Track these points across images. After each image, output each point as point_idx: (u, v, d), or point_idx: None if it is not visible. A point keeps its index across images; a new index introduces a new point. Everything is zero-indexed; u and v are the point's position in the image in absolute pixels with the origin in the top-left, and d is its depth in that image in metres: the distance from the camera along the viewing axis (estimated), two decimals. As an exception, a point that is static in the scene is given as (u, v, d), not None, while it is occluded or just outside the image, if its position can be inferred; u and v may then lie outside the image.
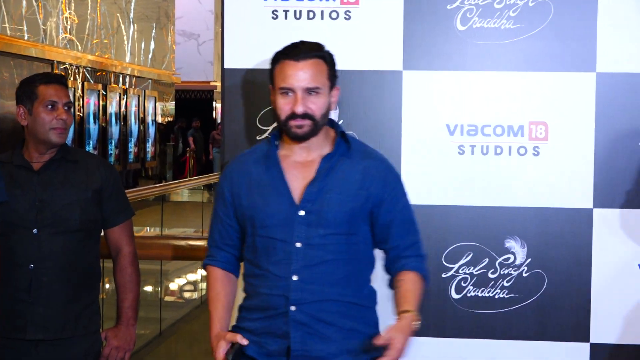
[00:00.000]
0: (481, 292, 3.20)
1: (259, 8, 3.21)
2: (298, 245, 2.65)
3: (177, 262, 8.51)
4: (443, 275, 3.19)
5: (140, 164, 17.38)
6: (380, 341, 2.48)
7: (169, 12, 19.60)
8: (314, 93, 2.64)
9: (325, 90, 2.67)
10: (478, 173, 3.18)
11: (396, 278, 2.72)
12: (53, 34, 13.31)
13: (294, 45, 2.68)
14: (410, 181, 3.17)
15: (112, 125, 15.67)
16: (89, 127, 14.49)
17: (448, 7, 3.16)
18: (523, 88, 3.17)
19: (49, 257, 3.17)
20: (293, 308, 2.64)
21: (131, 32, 17.10)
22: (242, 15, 3.22)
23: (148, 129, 17.89)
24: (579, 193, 3.15)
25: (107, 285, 5.61)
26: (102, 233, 3.40)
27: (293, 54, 2.65)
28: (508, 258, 3.19)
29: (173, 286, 9.27)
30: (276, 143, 2.75)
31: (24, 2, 12.38)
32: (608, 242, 3.14)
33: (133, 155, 16.88)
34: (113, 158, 15.52)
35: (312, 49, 2.68)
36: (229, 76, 3.23)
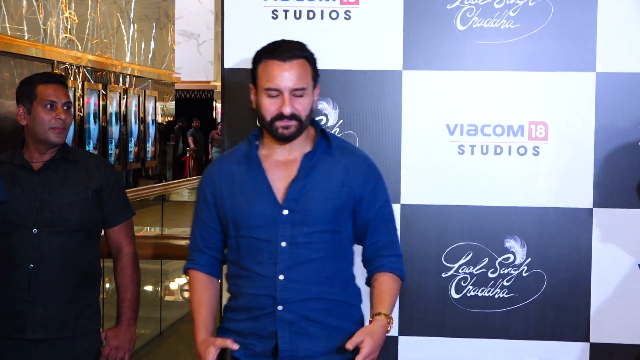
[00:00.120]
0: (481, 292, 3.20)
1: (259, 8, 3.21)
2: (283, 244, 2.64)
3: (177, 262, 8.48)
4: (443, 274, 3.19)
5: (140, 164, 17.38)
6: (350, 345, 2.49)
7: (169, 12, 19.60)
8: (300, 94, 2.62)
9: (310, 90, 2.65)
10: (478, 173, 3.18)
11: (373, 278, 2.72)
12: (53, 34, 13.31)
13: (278, 44, 2.65)
14: (410, 181, 3.17)
15: (112, 125, 15.67)
16: (89, 127, 14.49)
17: (448, 7, 3.16)
18: (523, 88, 3.16)
19: (49, 257, 3.17)
20: (280, 308, 2.63)
21: (131, 32, 17.10)
22: (242, 15, 3.22)
23: (148, 129, 17.89)
24: (579, 193, 3.15)
25: (108, 284, 5.61)
26: (103, 233, 3.40)
27: (278, 54, 2.61)
28: (508, 258, 3.18)
29: (173, 286, 9.27)
30: (256, 143, 2.73)
31: (24, 2, 12.38)
32: (608, 242, 3.14)
33: (133, 155, 16.88)
34: (113, 158, 15.52)
35: (297, 49, 2.65)
36: (229, 76, 3.23)
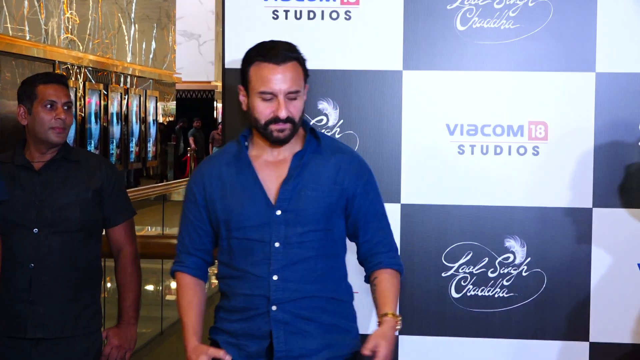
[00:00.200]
0: (481, 291, 3.20)
1: (260, 8, 3.21)
2: (277, 245, 2.62)
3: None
4: (443, 274, 3.19)
5: (141, 164, 17.39)
6: (366, 351, 2.49)
7: (170, 13, 19.60)
8: (294, 96, 2.60)
9: (302, 91, 2.63)
10: (478, 173, 3.18)
11: (373, 275, 2.71)
12: (55, 34, 13.31)
13: (269, 46, 2.61)
14: (410, 180, 3.17)
15: (114, 125, 15.67)
16: (91, 127, 14.50)
17: (448, 7, 3.16)
18: (523, 88, 3.16)
19: (49, 257, 3.17)
20: (274, 308, 2.62)
21: (132, 33, 17.10)
22: (243, 15, 3.22)
23: (149, 129, 17.90)
24: (579, 192, 3.15)
25: (109, 284, 5.61)
26: (104, 232, 3.40)
27: (272, 57, 2.58)
28: (508, 257, 3.18)
29: (174, 285, 9.27)
30: (246, 144, 2.71)
31: (26, 3, 12.38)
32: (607, 242, 3.14)
33: (134, 154, 16.89)
34: (114, 158, 15.52)
35: (289, 50, 2.61)
36: (230, 76, 3.23)
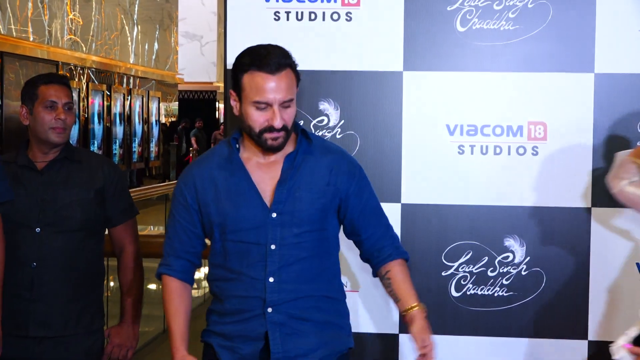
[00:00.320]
0: (480, 290, 3.20)
1: (261, 9, 3.21)
2: (272, 247, 2.61)
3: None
4: (443, 273, 3.19)
5: (144, 164, 17.39)
6: (422, 350, 2.55)
7: (172, 14, 19.61)
8: (288, 104, 2.57)
9: (295, 98, 2.61)
10: (477, 172, 3.17)
11: (384, 269, 2.71)
12: (58, 36, 13.32)
13: (262, 54, 2.55)
14: (410, 180, 3.17)
15: (117, 125, 15.68)
16: (94, 127, 14.50)
17: (448, 9, 3.16)
18: (522, 88, 3.16)
19: (51, 256, 3.17)
20: (270, 310, 2.61)
21: (135, 34, 17.10)
22: (245, 16, 3.21)
23: (152, 129, 17.90)
24: (577, 192, 3.15)
25: (112, 283, 5.61)
26: (107, 232, 3.40)
27: (266, 66, 2.53)
28: (507, 256, 3.18)
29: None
30: (237, 146, 2.69)
31: (30, 4, 12.38)
32: (606, 241, 3.14)
33: (137, 155, 16.89)
34: (117, 158, 15.52)
35: (283, 57, 2.57)
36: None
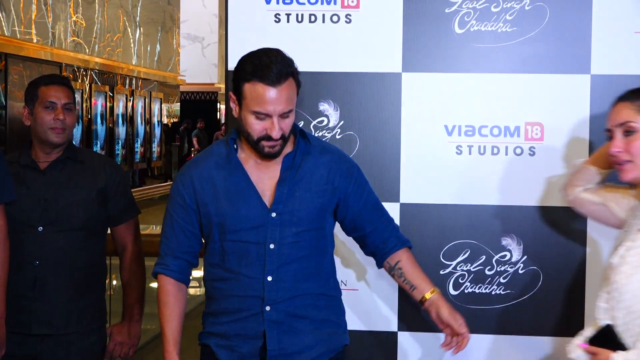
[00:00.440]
0: (478, 289, 3.20)
1: (262, 12, 3.21)
2: (272, 246, 2.61)
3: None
4: (441, 272, 3.19)
5: (146, 164, 17.38)
6: (460, 330, 2.69)
7: (174, 16, 19.60)
8: (288, 115, 2.57)
9: (295, 107, 2.60)
10: (475, 172, 3.17)
11: (392, 259, 2.77)
12: (61, 37, 13.31)
13: (265, 64, 2.52)
14: (409, 180, 3.17)
15: (119, 126, 15.67)
16: (97, 128, 14.49)
17: (446, 11, 3.15)
18: (519, 89, 3.16)
19: (53, 255, 3.17)
20: (268, 308, 2.61)
21: (137, 36, 17.09)
22: (245, 18, 3.21)
23: (154, 130, 17.89)
24: (574, 192, 3.14)
25: (115, 282, 5.60)
26: (109, 231, 3.40)
27: (267, 78, 2.51)
28: (504, 255, 3.18)
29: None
30: (235, 146, 2.68)
31: (34, 6, 12.38)
32: (601, 240, 3.13)
33: (139, 155, 16.88)
34: (120, 158, 15.52)
35: (285, 66, 2.54)
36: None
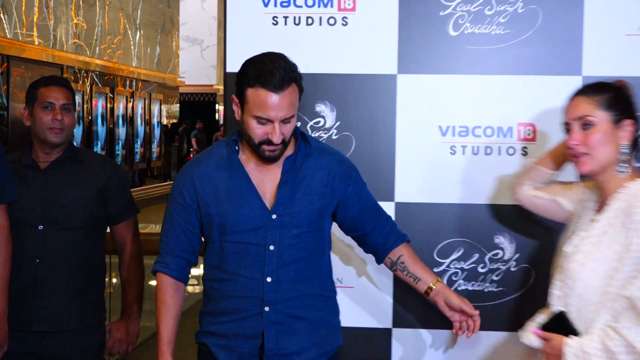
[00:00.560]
0: (471, 286, 3.20)
1: (260, 14, 3.21)
2: (271, 247, 2.60)
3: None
4: (435, 269, 3.18)
5: (146, 164, 17.36)
6: (472, 313, 2.79)
7: (174, 19, 19.58)
8: (289, 120, 2.56)
9: (296, 112, 2.60)
10: (469, 172, 3.17)
11: (393, 255, 2.80)
12: (63, 40, 13.29)
13: (268, 70, 2.50)
14: (404, 180, 3.17)
15: (120, 126, 15.65)
16: (97, 129, 14.47)
17: (441, 14, 3.15)
18: (512, 91, 3.16)
19: (53, 253, 3.17)
20: (267, 309, 2.61)
21: (137, 38, 17.08)
22: (244, 21, 3.21)
23: (153, 131, 17.88)
24: (566, 191, 3.14)
25: (115, 280, 5.59)
26: (109, 229, 3.39)
27: (270, 84, 2.50)
28: (497, 253, 3.18)
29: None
30: (236, 148, 2.67)
31: (36, 9, 12.36)
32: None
33: (139, 155, 16.86)
34: (120, 158, 15.50)
35: (288, 72, 2.53)
36: (231, 80, 3.20)
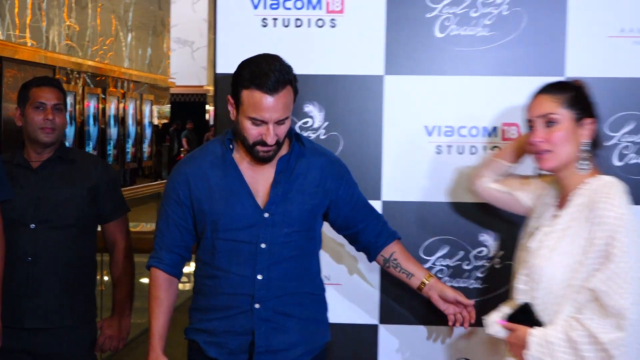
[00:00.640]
0: (456, 283, 3.20)
1: (250, 16, 3.20)
2: (263, 246, 2.60)
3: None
4: (422, 267, 3.18)
5: (137, 164, 17.31)
6: (468, 303, 2.83)
7: (165, 21, 19.54)
8: (283, 122, 2.56)
9: (291, 113, 2.60)
10: (454, 171, 3.17)
11: (386, 252, 2.82)
12: (55, 41, 13.24)
13: (264, 72, 2.50)
14: (390, 179, 3.17)
15: (111, 127, 15.59)
16: (89, 129, 14.42)
17: (427, 16, 3.15)
18: (497, 91, 3.16)
19: (46, 251, 3.16)
20: (257, 306, 2.60)
21: (129, 40, 17.03)
22: (234, 23, 3.20)
23: (145, 131, 17.82)
24: (549, 190, 3.15)
25: (106, 277, 5.58)
26: (100, 228, 3.38)
27: (265, 86, 2.50)
28: (482, 251, 3.19)
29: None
30: (231, 147, 2.67)
31: (28, 11, 12.30)
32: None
33: (131, 155, 16.81)
34: (112, 158, 15.45)
35: (283, 74, 2.53)
36: (221, 81, 3.21)
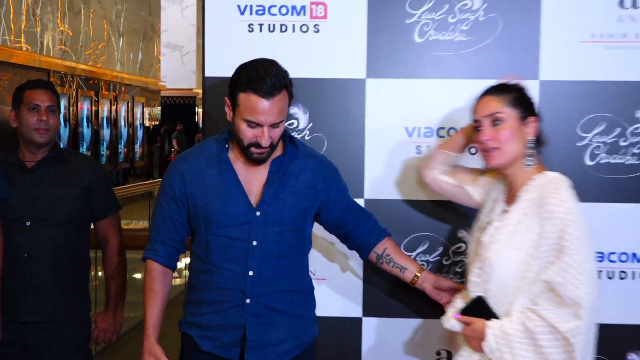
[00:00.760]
0: (437, 278, 3.20)
1: (236, 22, 3.20)
2: (254, 243, 2.60)
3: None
4: (403, 262, 3.19)
5: (129, 164, 17.26)
6: (460, 289, 2.76)
7: (155, 26, 19.48)
8: (278, 125, 2.56)
9: (285, 117, 2.59)
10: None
11: (378, 249, 2.84)
12: (49, 46, 13.18)
13: (261, 77, 2.50)
14: (372, 178, 3.18)
15: (104, 128, 15.54)
16: (83, 131, 14.37)
17: (407, 21, 3.17)
18: (474, 94, 3.17)
19: (41, 248, 3.16)
20: (248, 301, 2.61)
21: (121, 44, 16.97)
22: (221, 28, 3.20)
23: (136, 132, 17.77)
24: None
25: (100, 273, 5.57)
26: (92, 226, 3.38)
27: (261, 90, 2.49)
28: (460, 246, 3.20)
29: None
30: (227, 146, 2.67)
31: (23, 17, 12.24)
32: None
33: (123, 155, 16.76)
34: (104, 158, 15.40)
35: (279, 79, 2.52)
36: (210, 84, 3.22)
